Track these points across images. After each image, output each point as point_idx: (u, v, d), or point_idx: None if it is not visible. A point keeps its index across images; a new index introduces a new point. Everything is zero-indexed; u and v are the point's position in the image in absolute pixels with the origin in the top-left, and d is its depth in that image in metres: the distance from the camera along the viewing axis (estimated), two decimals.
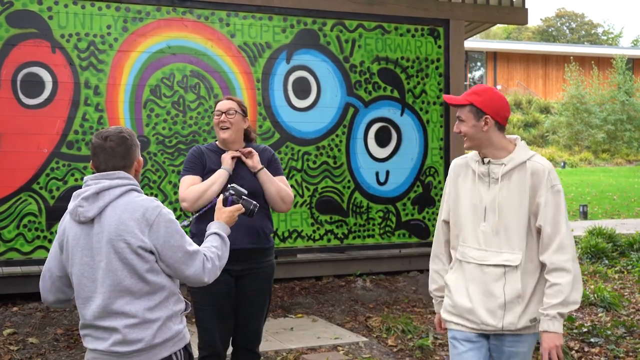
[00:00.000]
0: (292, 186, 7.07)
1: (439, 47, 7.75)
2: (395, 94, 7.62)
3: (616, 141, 26.62)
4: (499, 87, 32.10)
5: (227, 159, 3.83)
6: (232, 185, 3.30)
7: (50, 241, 6.36)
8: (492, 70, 32.93)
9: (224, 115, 3.86)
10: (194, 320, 3.99)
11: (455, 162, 3.22)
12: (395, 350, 5.68)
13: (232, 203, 3.20)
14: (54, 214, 6.37)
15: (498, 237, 2.99)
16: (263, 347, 5.53)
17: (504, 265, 2.97)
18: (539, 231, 2.97)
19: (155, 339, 2.66)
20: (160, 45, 6.74)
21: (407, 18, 7.61)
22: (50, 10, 6.38)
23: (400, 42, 7.60)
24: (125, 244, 2.62)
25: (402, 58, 7.63)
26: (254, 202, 3.29)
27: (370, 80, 7.51)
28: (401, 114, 7.65)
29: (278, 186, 3.90)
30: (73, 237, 2.69)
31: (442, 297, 3.24)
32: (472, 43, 34.35)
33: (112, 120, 6.56)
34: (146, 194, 6.56)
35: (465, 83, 32.12)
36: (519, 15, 8.14)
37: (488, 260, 2.99)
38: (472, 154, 3.14)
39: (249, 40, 7.05)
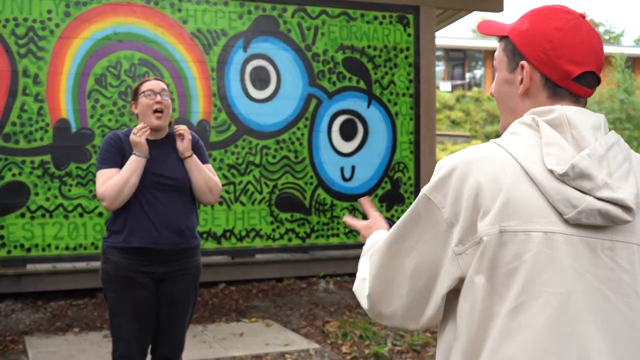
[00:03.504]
0: (249, 182, 6.67)
1: (409, 35, 7.31)
2: (362, 84, 7.18)
3: None
4: None
5: (140, 142, 3.30)
6: None
7: None
8: (491, 68, 32.53)
9: (158, 96, 3.35)
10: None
11: None
12: (348, 358, 5.25)
13: None
14: None
15: None
16: (203, 354, 5.13)
17: None
18: None
19: None
20: (106, 31, 6.32)
21: (374, 4, 7.17)
22: None
23: (367, 29, 7.17)
24: None
25: (369, 47, 7.19)
26: None
27: (335, 70, 7.08)
28: (368, 106, 7.21)
29: (206, 175, 3.46)
30: None
31: None
32: (472, 42, 33.95)
33: (53, 111, 6.14)
34: (91, 190, 6.20)
35: (463, 81, 31.63)
36: (494, 3, 7.70)
37: None
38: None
39: (203, 27, 6.63)
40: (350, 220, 1.72)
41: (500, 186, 1.22)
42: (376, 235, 1.57)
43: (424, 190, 1.29)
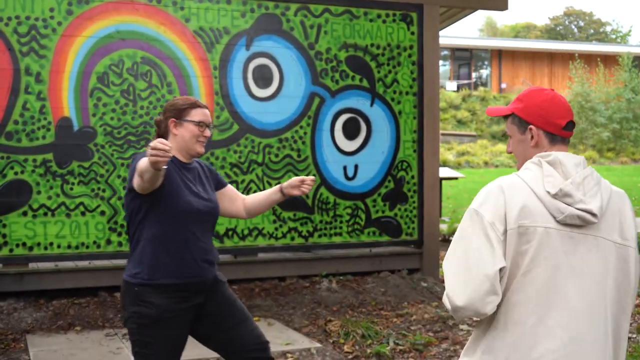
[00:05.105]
0: (252, 181, 6.66)
1: (412, 33, 7.28)
2: (365, 83, 7.15)
3: (621, 140, 25.98)
4: (503, 85, 31.57)
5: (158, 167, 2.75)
6: None
7: None
8: (497, 68, 32.42)
9: (207, 130, 3.19)
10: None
11: None
12: (350, 357, 5.23)
13: None
14: None
15: None
16: (203, 353, 5.07)
17: None
18: None
19: None
20: (108, 29, 6.31)
21: (377, 2, 7.14)
22: None
23: (370, 27, 7.14)
24: None
25: (372, 45, 7.16)
26: None
27: (338, 68, 7.05)
28: (371, 105, 7.19)
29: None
30: None
31: None
32: (478, 41, 33.91)
33: (55, 109, 6.13)
34: (93, 189, 6.20)
35: (469, 81, 31.49)
36: (499, 1, 7.66)
37: None
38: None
39: (205, 25, 6.61)
40: None
41: (518, 200, 2.00)
42: None
43: (473, 206, 2.04)
